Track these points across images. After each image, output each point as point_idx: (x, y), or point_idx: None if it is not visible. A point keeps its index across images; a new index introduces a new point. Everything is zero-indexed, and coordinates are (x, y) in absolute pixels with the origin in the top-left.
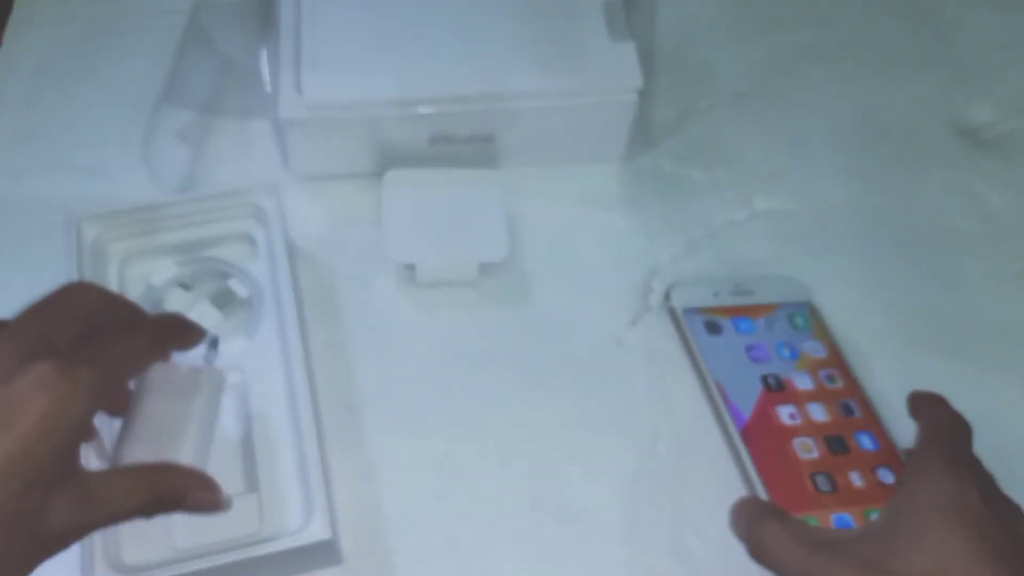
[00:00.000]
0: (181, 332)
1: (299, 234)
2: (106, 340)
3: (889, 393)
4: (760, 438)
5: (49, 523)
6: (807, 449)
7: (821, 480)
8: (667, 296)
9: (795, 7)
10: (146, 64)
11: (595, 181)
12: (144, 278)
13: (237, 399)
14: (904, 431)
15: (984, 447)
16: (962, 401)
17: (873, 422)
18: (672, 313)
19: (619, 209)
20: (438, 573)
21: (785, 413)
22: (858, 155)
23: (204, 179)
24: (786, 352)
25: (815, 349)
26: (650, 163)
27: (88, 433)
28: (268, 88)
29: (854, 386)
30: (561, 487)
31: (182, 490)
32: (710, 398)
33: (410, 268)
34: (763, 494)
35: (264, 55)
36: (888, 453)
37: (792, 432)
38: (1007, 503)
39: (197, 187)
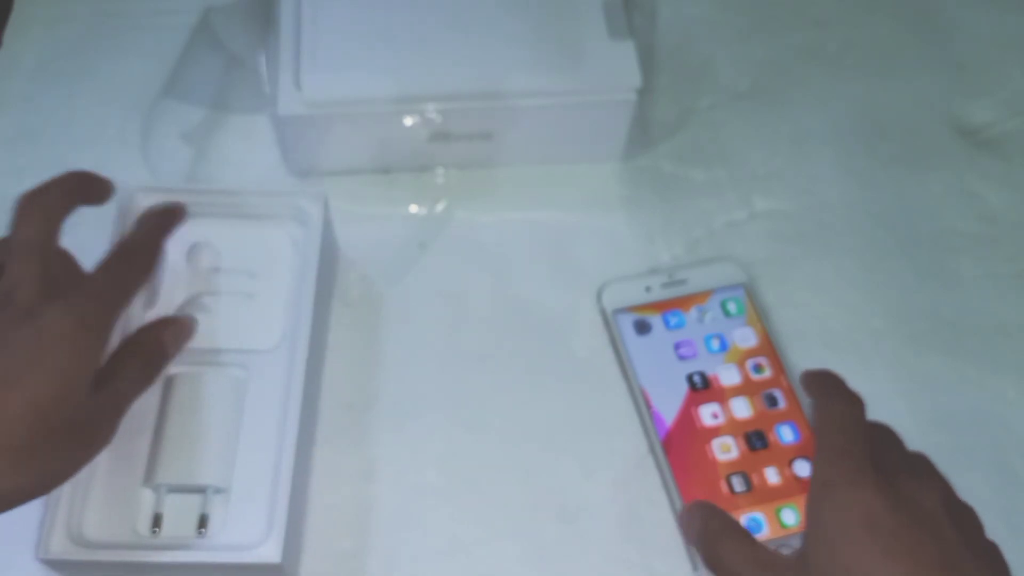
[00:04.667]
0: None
1: None
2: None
3: (889, 393)
4: (680, 445)
5: (89, 416)
6: (726, 449)
7: (736, 481)
8: (599, 296)
9: (795, 7)
10: (146, 64)
11: (595, 181)
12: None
13: (235, 398)
14: None
15: (984, 447)
16: (962, 401)
17: (796, 411)
18: (603, 315)
19: (619, 209)
20: (437, 573)
21: (708, 413)
22: (858, 155)
23: (204, 178)
24: (715, 345)
25: (745, 337)
26: (650, 163)
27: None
28: (267, 85)
29: (780, 374)
30: (561, 487)
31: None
32: (636, 405)
33: None
34: (678, 502)
35: (264, 52)
36: (809, 443)
37: (712, 433)
38: (917, 484)
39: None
